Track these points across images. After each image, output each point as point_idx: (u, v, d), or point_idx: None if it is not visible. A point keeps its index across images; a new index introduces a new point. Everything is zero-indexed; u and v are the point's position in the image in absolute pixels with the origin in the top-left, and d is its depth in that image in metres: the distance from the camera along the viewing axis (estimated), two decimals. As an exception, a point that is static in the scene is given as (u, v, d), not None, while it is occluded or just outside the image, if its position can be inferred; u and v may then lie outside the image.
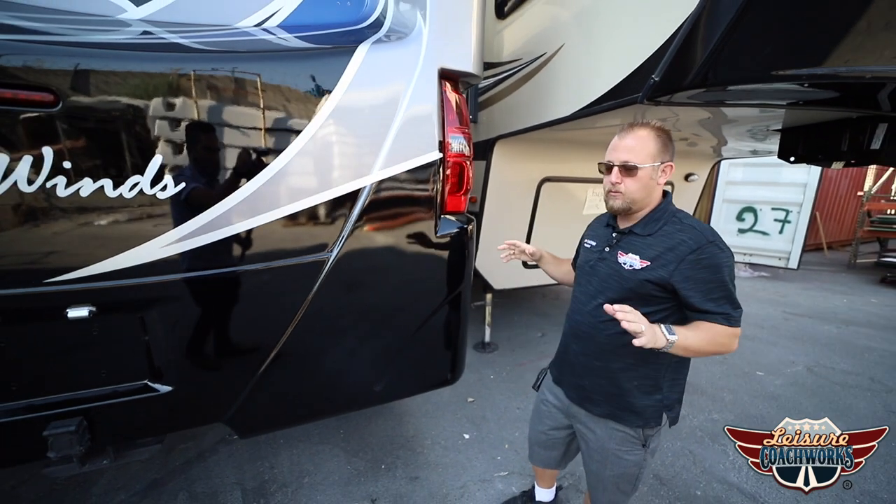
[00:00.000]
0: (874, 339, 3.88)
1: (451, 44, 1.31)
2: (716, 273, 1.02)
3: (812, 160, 1.94)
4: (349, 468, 2.07)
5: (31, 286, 0.96)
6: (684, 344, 0.99)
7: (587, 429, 1.28)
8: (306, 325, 1.26)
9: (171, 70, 1.00)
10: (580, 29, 1.79)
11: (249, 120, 1.10)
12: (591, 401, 1.23)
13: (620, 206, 1.13)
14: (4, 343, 1.00)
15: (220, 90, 1.06)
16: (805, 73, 1.24)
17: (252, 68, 1.09)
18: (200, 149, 1.06)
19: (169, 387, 1.16)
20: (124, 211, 1.00)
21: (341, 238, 1.24)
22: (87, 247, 0.99)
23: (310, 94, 1.14)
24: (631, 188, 1.09)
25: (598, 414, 1.22)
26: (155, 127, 1.01)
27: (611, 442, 1.22)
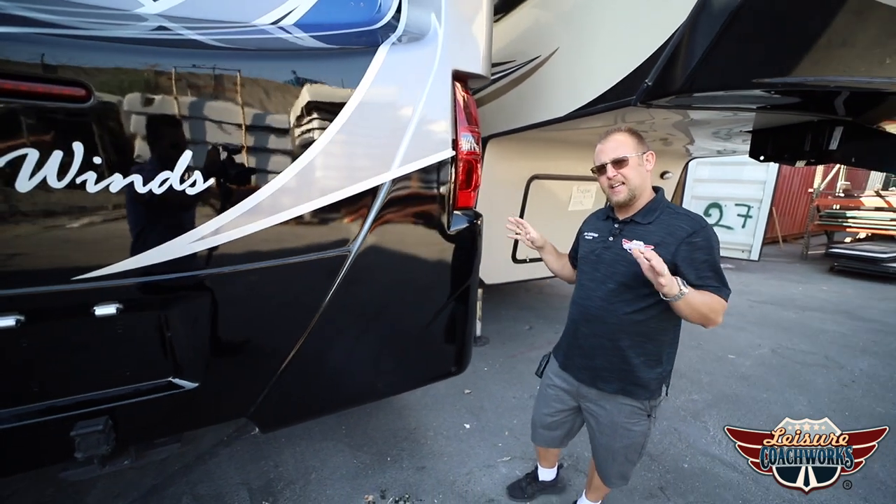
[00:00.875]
0: (826, 322, 4.26)
1: (463, 46, 1.37)
2: (709, 253, 1.15)
3: (779, 159, 2.14)
4: (355, 462, 2.09)
5: (58, 283, 0.95)
6: (690, 299, 1.10)
7: (598, 406, 1.38)
8: (328, 318, 1.29)
9: (200, 66, 1.02)
10: (575, 34, 1.90)
11: (275, 118, 1.12)
12: (603, 379, 1.33)
13: (625, 196, 1.24)
14: (31, 342, 0.98)
15: (248, 88, 1.08)
16: (779, 81, 1.39)
17: (278, 67, 1.11)
18: (228, 146, 1.08)
19: (194, 383, 1.16)
20: (153, 207, 1.00)
21: (362, 233, 1.28)
22: (115, 243, 0.99)
23: (334, 93, 1.17)
24: (629, 176, 1.21)
25: (609, 391, 1.32)
26: (184, 123, 1.01)
27: (620, 416, 1.33)
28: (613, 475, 1.45)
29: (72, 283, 0.96)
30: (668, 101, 1.53)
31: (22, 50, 0.86)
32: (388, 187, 1.29)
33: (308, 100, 1.15)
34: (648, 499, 1.86)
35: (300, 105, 1.14)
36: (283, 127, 1.14)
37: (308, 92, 1.15)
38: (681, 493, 1.89)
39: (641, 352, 1.25)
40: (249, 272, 1.15)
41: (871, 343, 3.71)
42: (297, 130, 1.15)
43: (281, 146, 1.15)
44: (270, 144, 1.13)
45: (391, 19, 1.34)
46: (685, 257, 1.15)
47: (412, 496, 1.87)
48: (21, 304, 0.93)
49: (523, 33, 2.32)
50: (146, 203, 0.99)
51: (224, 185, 1.08)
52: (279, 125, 1.13)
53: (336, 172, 1.21)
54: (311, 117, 1.16)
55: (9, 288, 0.92)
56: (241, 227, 1.11)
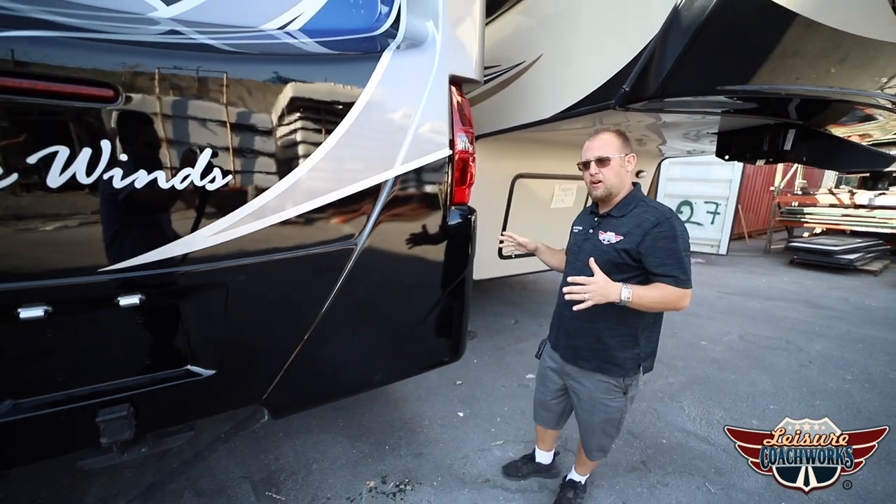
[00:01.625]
0: (787, 310, 4.60)
1: (459, 52, 1.48)
2: (671, 243, 1.27)
3: (742, 158, 2.35)
4: (354, 452, 2.16)
5: (84, 275, 1.00)
6: (638, 300, 1.24)
7: (578, 383, 1.51)
8: (336, 307, 1.37)
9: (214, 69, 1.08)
10: (558, 42, 2.04)
11: (290, 118, 1.19)
12: (582, 357, 1.46)
13: (602, 192, 1.37)
14: (57, 332, 1.02)
15: (260, 90, 1.15)
16: (738, 88, 1.57)
17: (289, 71, 1.19)
18: (244, 145, 1.14)
19: (210, 371, 1.22)
20: (176, 202, 1.06)
21: (367, 227, 1.37)
22: (139, 237, 1.04)
23: (343, 95, 1.25)
24: (607, 175, 1.34)
25: (587, 368, 1.46)
26: (203, 124, 1.08)
27: (597, 392, 1.46)
28: (594, 448, 1.59)
29: (97, 275, 1.01)
30: (643, 106, 1.69)
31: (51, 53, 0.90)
32: (392, 184, 1.38)
33: (318, 101, 1.23)
34: (631, 472, 2.02)
35: (310, 107, 1.22)
36: (294, 127, 1.21)
37: (318, 94, 1.23)
38: (660, 466, 2.05)
39: (616, 333, 1.39)
40: (264, 264, 1.22)
41: (826, 328, 4.04)
42: (307, 131, 1.23)
43: (293, 145, 1.22)
44: (284, 143, 1.21)
45: (390, 27, 1.43)
46: (648, 246, 1.27)
47: (412, 480, 1.96)
48: (48, 296, 0.97)
49: (508, 39, 2.45)
50: (168, 198, 1.05)
51: (240, 181, 1.14)
52: (291, 125, 1.21)
53: (343, 170, 1.30)
54: (321, 118, 1.24)
55: (37, 280, 0.96)
56: (255, 222, 1.18)
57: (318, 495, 1.88)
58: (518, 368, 3.09)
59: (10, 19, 0.88)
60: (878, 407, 2.61)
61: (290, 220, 1.22)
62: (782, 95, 1.58)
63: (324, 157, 1.25)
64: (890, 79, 1.72)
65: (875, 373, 3.08)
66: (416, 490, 1.90)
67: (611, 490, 1.89)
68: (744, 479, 1.94)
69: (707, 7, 1.38)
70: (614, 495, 1.87)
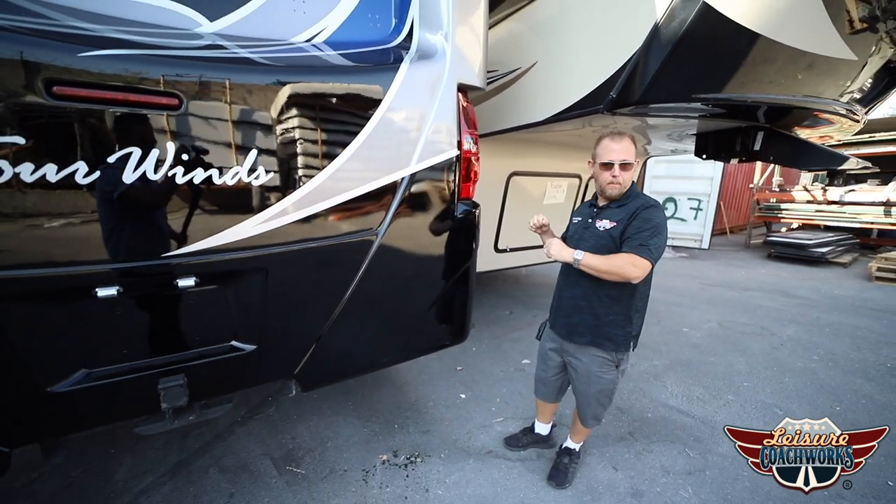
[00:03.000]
0: (763, 300, 4.90)
1: (465, 63, 1.65)
2: (646, 224, 1.45)
3: (717, 157, 2.58)
4: (366, 430, 2.33)
5: (151, 260, 1.15)
6: (587, 262, 1.44)
7: (575, 358, 1.71)
8: (359, 291, 1.53)
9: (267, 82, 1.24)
10: (552, 51, 2.23)
11: (320, 123, 1.35)
12: (578, 333, 1.66)
13: (618, 192, 1.55)
14: (127, 309, 1.16)
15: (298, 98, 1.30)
16: (711, 97, 1.78)
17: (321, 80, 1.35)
18: (283, 146, 1.30)
19: (252, 346, 1.37)
20: (226, 195, 1.21)
21: (387, 218, 1.54)
22: (197, 226, 1.19)
23: (367, 101, 1.42)
24: (626, 179, 1.52)
25: (582, 343, 1.65)
26: (251, 127, 1.23)
27: (593, 366, 1.66)
28: (589, 416, 1.79)
29: (161, 260, 1.16)
30: (628, 110, 1.89)
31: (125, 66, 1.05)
32: (408, 181, 1.55)
33: (345, 107, 1.39)
34: (620, 441, 2.23)
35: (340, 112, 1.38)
36: (324, 130, 1.37)
37: (344, 101, 1.39)
38: (646, 436, 2.27)
39: (611, 311, 1.58)
40: (299, 251, 1.38)
41: (798, 315, 4.35)
42: (335, 133, 1.39)
43: (324, 146, 1.38)
44: (316, 145, 1.36)
45: (403, 40, 1.60)
46: (628, 227, 1.46)
47: (422, 453, 2.14)
48: (120, 278, 1.12)
49: (505, 45, 2.63)
50: (221, 192, 1.20)
51: (279, 178, 1.30)
52: (321, 129, 1.36)
53: (367, 169, 1.46)
54: (349, 122, 1.40)
55: (112, 263, 1.10)
56: (292, 214, 1.34)
57: (336, 468, 2.04)
58: (514, 355, 3.28)
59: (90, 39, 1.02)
60: (839, 382, 2.88)
61: (321, 212, 1.38)
62: (749, 103, 1.79)
63: (350, 158, 1.41)
64: (844, 89, 1.95)
65: (838, 353, 3.36)
66: (425, 462, 2.08)
67: (601, 457, 2.10)
68: (718, 445, 2.17)
69: (683, 24, 1.58)
70: (605, 461, 2.07)
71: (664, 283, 5.59)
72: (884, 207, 7.09)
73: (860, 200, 7.36)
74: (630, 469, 2.02)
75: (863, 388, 2.80)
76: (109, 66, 1.01)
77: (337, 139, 1.39)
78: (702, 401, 2.62)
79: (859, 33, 1.71)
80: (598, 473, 1.98)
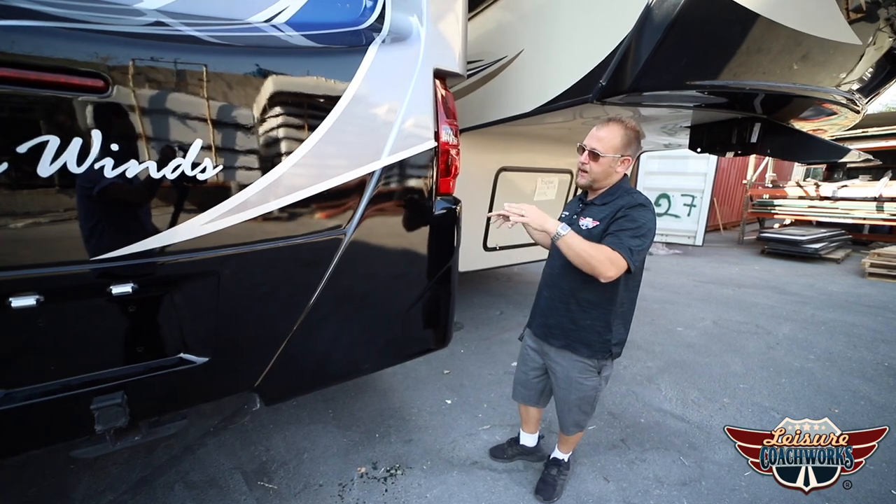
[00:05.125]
0: (758, 297, 4.84)
1: (442, 46, 1.52)
2: (630, 223, 1.31)
3: (713, 150, 2.47)
4: (345, 440, 2.20)
5: (75, 265, 1.01)
6: (568, 241, 1.28)
7: (555, 362, 1.60)
8: (327, 295, 1.40)
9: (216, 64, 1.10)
10: (539, 38, 2.10)
11: (278, 110, 1.21)
12: (553, 335, 1.55)
13: (584, 182, 1.44)
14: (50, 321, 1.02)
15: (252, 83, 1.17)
16: (707, 84, 1.66)
17: (276, 63, 1.21)
18: (234, 136, 1.16)
19: (204, 358, 1.24)
20: (167, 191, 1.07)
21: (356, 216, 1.40)
22: (133, 225, 1.05)
23: (330, 87, 1.28)
24: (595, 170, 1.40)
25: (557, 346, 1.54)
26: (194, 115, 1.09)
27: (573, 371, 1.55)
28: (570, 423, 1.67)
29: (87, 265, 1.02)
30: (619, 100, 1.77)
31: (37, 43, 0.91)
32: (379, 175, 1.42)
33: (306, 93, 1.26)
34: (612, 449, 2.12)
35: (299, 99, 1.25)
36: (282, 119, 1.23)
37: (306, 86, 1.25)
38: (638, 443, 2.16)
39: (589, 316, 1.46)
40: (255, 253, 1.24)
41: (792, 312, 4.28)
42: (295, 122, 1.25)
43: (282, 137, 1.24)
44: (273, 135, 1.23)
45: (375, 21, 1.46)
46: (610, 225, 1.33)
47: (402, 465, 2.02)
48: (39, 285, 0.98)
49: (490, 34, 2.50)
50: (160, 188, 1.07)
51: (230, 172, 1.16)
52: (279, 117, 1.23)
53: (331, 161, 1.33)
54: (309, 110, 1.27)
55: (28, 269, 0.96)
56: (245, 212, 1.20)
57: (311, 482, 1.91)
58: (503, 357, 3.17)
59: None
60: (837, 383, 2.80)
61: (279, 209, 1.25)
62: (746, 91, 1.68)
63: (312, 149, 1.27)
64: (845, 76, 1.84)
65: (835, 352, 3.29)
66: (406, 474, 1.96)
67: (592, 467, 1.99)
68: (715, 453, 2.07)
69: (678, 4, 1.46)
70: (596, 471, 1.97)
71: (658, 281, 5.51)
72: (876, 203, 7.07)
73: (852, 196, 7.34)
74: (622, 480, 1.91)
75: (861, 388, 2.72)
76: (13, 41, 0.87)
77: (297, 129, 1.26)
78: (697, 404, 2.53)
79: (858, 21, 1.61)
80: (589, 485, 1.88)
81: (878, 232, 8.36)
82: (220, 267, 1.20)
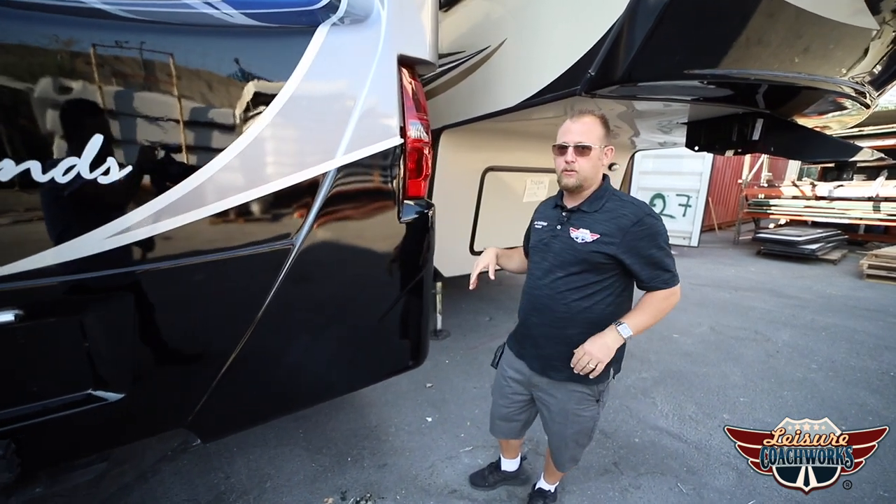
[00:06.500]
0: (755, 300, 4.69)
1: (408, 30, 1.33)
2: (653, 241, 1.18)
3: (711, 149, 2.30)
4: (313, 466, 2.02)
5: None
6: (637, 328, 1.21)
7: (549, 395, 1.40)
8: (273, 315, 1.21)
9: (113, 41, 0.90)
10: (522, 24, 1.92)
11: (203, 99, 1.03)
12: (553, 367, 1.35)
13: (574, 183, 1.25)
14: None
15: (170, 66, 0.98)
16: (707, 73, 1.49)
17: (202, 44, 1.02)
18: (149, 130, 0.97)
19: (118, 394, 1.05)
20: (57, 198, 0.88)
21: (307, 224, 1.22)
22: (12, 239, 0.86)
23: (270, 74, 1.09)
24: (584, 167, 1.21)
25: (559, 379, 1.35)
26: (93, 104, 0.90)
27: (570, 403, 1.36)
28: (566, 460, 1.50)
29: (-46, 288, 0.83)
30: (611, 91, 1.59)
31: None
32: (334, 176, 1.23)
33: (240, 81, 1.07)
34: (603, 475, 1.95)
35: (231, 87, 1.06)
36: (212, 110, 1.04)
37: (240, 72, 1.06)
38: (632, 467, 1.99)
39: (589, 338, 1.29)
40: (181, 269, 1.05)
41: (791, 317, 4.14)
42: (228, 115, 1.06)
43: (212, 130, 1.05)
44: (198, 130, 1.04)
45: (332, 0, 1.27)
46: (629, 248, 1.18)
47: (374, 494, 1.83)
48: None
49: (474, 23, 2.32)
50: (48, 194, 0.87)
51: (144, 173, 0.97)
52: (208, 108, 1.04)
53: (274, 161, 1.14)
54: (243, 100, 1.08)
55: None
56: (165, 221, 1.01)
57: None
58: (491, 368, 2.98)
59: None
60: (842, 395, 2.65)
61: (208, 218, 1.06)
62: (751, 80, 1.51)
63: (248, 146, 1.09)
64: (855, 64, 1.68)
65: (837, 360, 3.14)
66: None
67: (582, 495, 1.82)
68: (715, 478, 1.91)
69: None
70: (586, 501, 1.79)
71: (653, 284, 5.35)
72: (872, 203, 6.97)
73: (849, 196, 7.23)
74: (614, 511, 1.74)
75: (868, 401, 2.57)
76: None
77: (229, 123, 1.07)
78: (695, 421, 2.36)
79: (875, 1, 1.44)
80: (578, 518, 1.70)
81: (874, 232, 8.27)
82: (136, 287, 1.01)
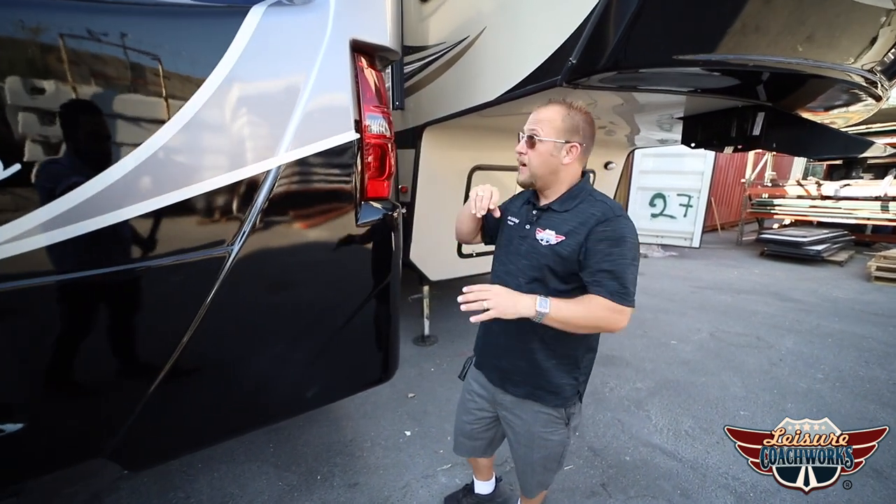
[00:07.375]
0: (758, 304, 4.52)
1: (362, 12, 1.20)
2: (616, 245, 1.01)
3: (709, 145, 2.15)
4: (280, 484, 1.89)
5: None
6: (558, 314, 0.99)
7: (513, 415, 1.27)
8: (208, 330, 1.08)
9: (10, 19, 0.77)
10: (500, 11, 1.78)
11: (115, 85, 0.89)
12: (511, 381, 1.22)
13: (523, 179, 1.13)
14: None
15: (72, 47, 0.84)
16: (701, 58, 1.33)
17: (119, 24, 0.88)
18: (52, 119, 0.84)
19: (17, 425, 0.92)
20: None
21: (245, 229, 1.08)
22: None
23: (194, 60, 0.96)
24: (533, 161, 1.08)
25: (518, 395, 1.22)
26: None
27: (536, 425, 1.22)
28: (532, 485, 1.35)
29: None
30: (595, 81, 1.44)
31: None
32: (275, 175, 1.10)
33: (159, 67, 0.93)
34: (590, 497, 1.80)
35: (148, 73, 0.92)
36: (124, 99, 0.91)
37: (157, 57, 0.93)
38: (622, 489, 1.85)
39: (553, 355, 1.15)
40: (90, 279, 0.92)
41: (796, 322, 3.96)
42: (144, 105, 0.93)
43: (127, 121, 0.92)
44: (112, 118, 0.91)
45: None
46: (589, 248, 1.02)
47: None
48: None
49: (455, 11, 2.18)
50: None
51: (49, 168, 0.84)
52: (120, 97, 0.91)
53: (202, 158, 1.01)
54: (165, 89, 0.94)
55: None
56: (77, 223, 0.88)
57: (227, 544, 1.60)
58: (478, 377, 2.85)
59: None
60: (850, 408, 2.49)
61: (121, 224, 0.92)
62: (750, 67, 1.36)
63: (171, 140, 0.95)
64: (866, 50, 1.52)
65: (844, 370, 2.98)
66: (343, 531, 1.64)
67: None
68: (711, 503, 1.76)
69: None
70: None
71: (652, 286, 5.20)
72: (880, 202, 6.76)
73: (856, 195, 7.03)
74: (600, 540, 1.60)
75: (878, 416, 2.41)
76: None
77: (146, 114, 0.93)
78: (691, 437, 2.21)
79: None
80: (559, 549, 1.56)
81: (882, 232, 8.05)
82: (31, 301, 0.88)
